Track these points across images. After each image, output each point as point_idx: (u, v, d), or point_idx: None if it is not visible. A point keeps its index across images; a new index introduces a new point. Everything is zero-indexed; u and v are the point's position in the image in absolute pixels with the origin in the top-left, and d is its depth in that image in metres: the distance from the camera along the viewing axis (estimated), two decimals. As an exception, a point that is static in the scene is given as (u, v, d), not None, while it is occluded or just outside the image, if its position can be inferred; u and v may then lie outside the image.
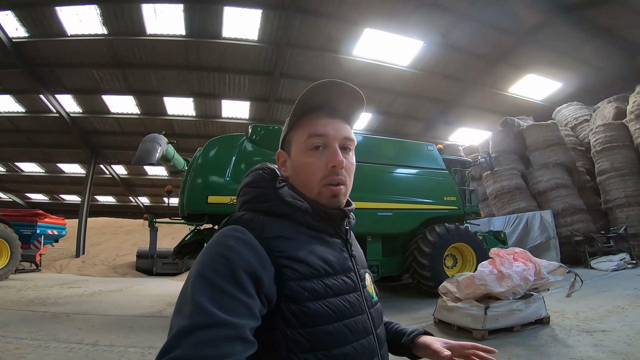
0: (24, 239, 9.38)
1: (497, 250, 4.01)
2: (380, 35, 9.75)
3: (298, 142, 0.75)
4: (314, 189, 0.73)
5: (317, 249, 0.70)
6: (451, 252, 6.21)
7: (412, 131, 14.31)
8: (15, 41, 9.24)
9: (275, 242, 0.65)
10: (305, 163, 0.73)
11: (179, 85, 11.53)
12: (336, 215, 0.76)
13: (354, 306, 0.69)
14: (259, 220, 0.68)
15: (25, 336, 3.72)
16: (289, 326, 0.61)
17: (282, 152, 0.79)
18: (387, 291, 6.99)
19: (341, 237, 0.78)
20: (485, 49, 10.38)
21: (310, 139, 0.73)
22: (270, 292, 0.61)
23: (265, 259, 0.62)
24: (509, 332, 3.58)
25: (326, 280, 0.67)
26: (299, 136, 0.75)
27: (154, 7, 8.60)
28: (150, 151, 5.19)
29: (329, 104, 0.74)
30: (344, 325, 0.66)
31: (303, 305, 0.62)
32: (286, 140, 0.79)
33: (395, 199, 5.97)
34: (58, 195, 22.47)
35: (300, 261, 0.65)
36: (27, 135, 14.38)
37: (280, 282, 0.62)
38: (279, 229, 0.68)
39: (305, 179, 0.74)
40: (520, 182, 9.69)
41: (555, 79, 11.86)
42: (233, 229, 0.66)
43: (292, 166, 0.77)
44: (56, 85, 11.26)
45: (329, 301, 0.65)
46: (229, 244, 0.62)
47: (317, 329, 0.62)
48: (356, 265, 0.76)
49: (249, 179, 0.78)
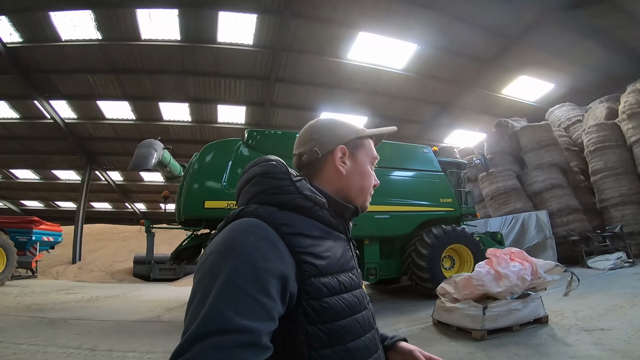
0: (19, 245, 9.28)
1: (494, 250, 4.03)
2: (374, 39, 9.81)
3: (366, 153, 0.85)
4: (365, 192, 0.83)
5: (332, 245, 0.71)
6: (449, 254, 6.24)
7: (408, 134, 14.37)
8: (9, 46, 9.19)
9: (295, 238, 0.64)
10: (368, 172, 0.84)
11: (174, 90, 11.51)
12: (351, 211, 0.80)
13: (361, 302, 0.72)
14: (278, 215, 0.66)
15: (24, 341, 3.70)
16: (310, 322, 0.62)
17: (346, 149, 0.81)
18: (385, 293, 7.00)
19: (347, 235, 0.80)
20: (478, 51, 10.46)
21: (374, 159, 0.87)
22: (293, 289, 0.61)
23: (286, 256, 0.61)
24: (509, 332, 3.59)
25: (339, 277, 0.68)
26: (368, 150, 0.86)
27: (148, 12, 8.59)
28: (146, 157, 5.18)
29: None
30: (356, 320, 0.68)
31: (323, 301, 0.63)
32: (355, 142, 0.83)
33: (392, 202, 5.99)
34: (53, 202, 22.30)
35: (319, 257, 0.66)
36: (21, 142, 14.27)
37: (301, 279, 0.62)
38: (298, 224, 0.67)
39: (365, 184, 0.83)
40: (515, 183, 9.75)
41: (548, 80, 12.00)
42: (251, 223, 0.63)
43: (354, 168, 0.82)
44: (51, 91, 11.19)
45: (342, 297, 0.67)
46: (249, 239, 0.59)
47: (335, 324, 0.64)
48: (356, 263, 0.79)
49: (261, 169, 0.74)
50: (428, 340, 3.62)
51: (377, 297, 6.74)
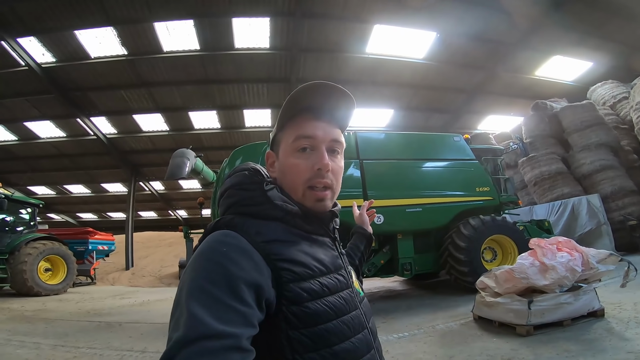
0: (77, 255, 10.08)
1: (538, 240, 3.76)
2: (391, 30, 9.60)
3: (286, 143, 0.75)
4: (298, 190, 0.73)
5: (310, 249, 0.71)
6: (490, 245, 5.93)
7: (437, 124, 13.90)
8: (44, 67, 9.81)
9: (270, 246, 0.65)
10: (291, 164, 0.74)
11: (201, 99, 11.91)
12: (325, 217, 0.78)
13: (349, 302, 0.70)
14: (251, 224, 0.67)
15: (83, 345, 3.98)
16: (292, 327, 0.62)
17: (271, 153, 0.80)
18: (422, 289, 6.82)
19: (330, 236, 0.79)
20: (501, 35, 9.94)
21: (297, 141, 0.73)
22: (270, 296, 0.61)
23: (261, 264, 0.62)
24: (558, 326, 3.34)
25: (322, 280, 0.67)
26: (287, 137, 0.75)
27: (165, 25, 8.89)
28: (180, 166, 5.41)
29: (318, 106, 0.74)
30: (342, 322, 0.67)
31: (304, 305, 0.63)
32: (275, 141, 0.80)
33: (423, 194, 5.79)
34: (105, 213, 24.05)
35: (297, 263, 0.65)
36: (71, 159, 15.40)
37: (279, 285, 0.62)
38: (272, 232, 0.67)
39: (291, 181, 0.74)
40: (561, 166, 9.06)
41: (584, 58, 11.19)
42: (225, 235, 0.64)
43: (279, 167, 0.77)
44: (90, 108, 11.90)
45: (326, 300, 0.66)
46: (222, 250, 0.60)
47: (319, 328, 0.63)
48: (345, 263, 0.78)
49: (233, 180, 0.76)
50: (468, 337, 3.46)
51: (414, 292, 6.59)
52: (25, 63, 9.35)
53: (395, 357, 3.07)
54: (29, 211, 9.38)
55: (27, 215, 9.36)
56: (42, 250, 8.48)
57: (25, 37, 8.77)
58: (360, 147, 5.76)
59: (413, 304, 5.35)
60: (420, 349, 3.27)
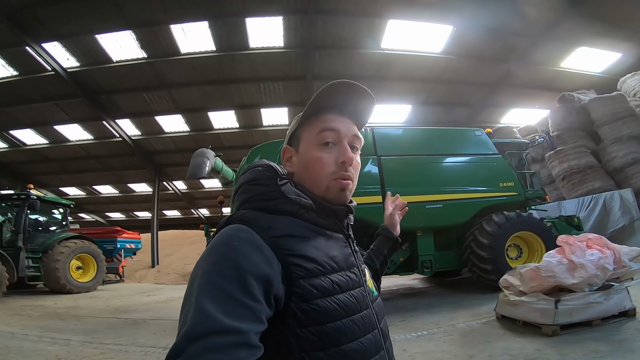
0: (106, 253, 10.46)
1: (566, 237, 3.60)
2: (406, 25, 9.41)
3: (309, 137, 0.76)
4: (322, 183, 0.74)
5: (323, 245, 0.70)
6: (514, 242, 5.71)
7: (458, 118, 13.53)
8: (70, 71, 10.22)
9: (282, 241, 0.64)
10: (316, 157, 0.74)
11: (219, 99, 12.08)
12: (340, 212, 0.77)
13: (360, 301, 0.69)
14: (264, 219, 0.67)
15: (110, 341, 4.12)
16: (300, 325, 0.61)
17: (289, 148, 0.81)
18: (443, 287, 6.68)
19: (344, 233, 0.78)
20: (522, 27, 9.54)
21: (321, 134, 0.74)
22: (279, 292, 0.60)
23: (272, 259, 0.61)
24: (587, 326, 3.19)
25: (333, 277, 0.67)
26: (309, 131, 0.77)
27: (181, 27, 9.09)
28: (200, 165, 5.53)
29: (340, 104, 0.76)
30: (352, 321, 0.66)
31: (313, 303, 0.62)
32: (294, 137, 0.80)
33: (444, 190, 5.64)
34: (132, 213, 24.94)
35: (309, 259, 0.65)
36: (99, 161, 16.03)
37: (289, 281, 0.62)
38: (284, 226, 0.67)
39: (314, 173, 0.74)
40: (591, 159, 8.62)
41: (612, 49, 10.62)
42: (237, 229, 0.64)
43: (300, 162, 0.78)
44: (115, 110, 12.34)
45: (337, 297, 0.65)
46: (233, 244, 0.60)
47: (327, 326, 0.63)
48: (358, 261, 0.76)
49: (248, 176, 0.77)
50: (490, 336, 3.35)
51: (434, 290, 6.46)
52: (52, 68, 9.78)
53: (413, 356, 3.01)
54: (60, 211, 9.84)
55: (59, 216, 9.82)
56: (74, 249, 8.85)
57: (49, 42, 9.15)
58: (378, 143, 5.68)
59: (433, 302, 5.25)
60: (439, 348, 3.20)
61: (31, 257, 8.25)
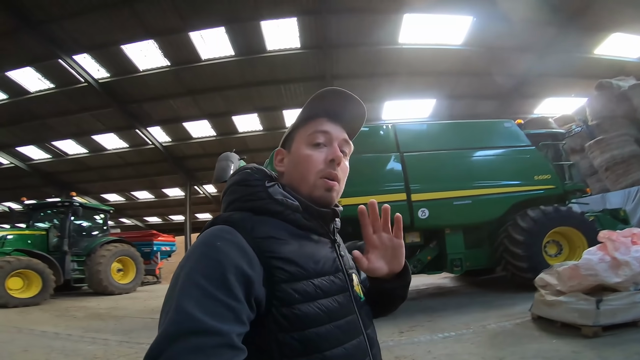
0: (144, 256, 11.00)
1: (609, 233, 3.34)
2: (422, 18, 9.19)
3: (301, 137, 0.78)
4: (310, 179, 0.74)
5: (307, 248, 0.69)
6: (554, 239, 5.37)
7: (486, 110, 12.96)
8: (101, 82, 10.82)
9: (265, 243, 0.64)
10: (306, 155, 0.75)
11: (242, 103, 12.37)
12: (327, 215, 0.75)
13: (344, 307, 0.68)
14: (248, 220, 0.67)
15: (144, 341, 4.21)
16: (281, 329, 0.60)
17: (281, 150, 0.83)
18: (475, 286, 6.42)
19: (329, 237, 0.77)
20: (546, 15, 9.05)
21: (313, 135, 0.76)
22: (259, 294, 0.60)
23: (254, 261, 0.60)
24: (632, 327, 2.94)
25: (316, 281, 0.65)
26: (302, 133, 0.78)
27: (200, 34, 9.37)
28: (225, 169, 5.68)
29: (331, 110, 0.79)
30: (335, 327, 0.64)
31: (295, 307, 0.61)
32: (288, 138, 0.82)
33: (473, 185, 5.39)
34: (167, 216, 26.14)
35: (291, 262, 0.64)
36: (135, 167, 16.93)
37: (270, 285, 0.61)
38: (268, 228, 0.66)
39: (303, 169, 0.75)
40: (635, 148, 7.98)
41: None
42: (220, 230, 0.64)
43: (290, 161, 0.78)
44: (146, 118, 12.96)
45: (319, 302, 0.64)
46: (216, 244, 0.60)
47: (309, 332, 0.61)
48: (344, 266, 0.74)
49: (236, 178, 0.77)
50: (522, 338, 3.17)
51: (465, 289, 6.23)
52: (84, 79, 10.44)
53: (438, 358, 2.90)
54: (101, 217, 10.45)
55: (100, 221, 10.44)
56: (115, 252, 9.36)
57: (79, 54, 9.74)
58: (400, 140, 5.53)
59: (463, 302, 5.06)
60: (466, 349, 3.07)
61: (76, 260, 8.84)
